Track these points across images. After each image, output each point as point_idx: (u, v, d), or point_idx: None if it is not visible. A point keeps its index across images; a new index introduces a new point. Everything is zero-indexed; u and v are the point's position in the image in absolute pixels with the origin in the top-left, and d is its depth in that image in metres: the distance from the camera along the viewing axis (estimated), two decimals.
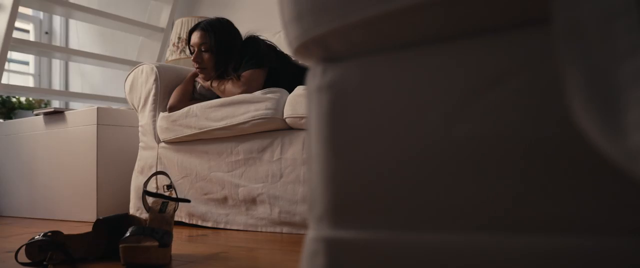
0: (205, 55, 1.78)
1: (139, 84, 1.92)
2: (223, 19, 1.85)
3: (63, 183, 2.18)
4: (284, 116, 1.54)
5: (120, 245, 1.04)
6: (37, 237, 1.11)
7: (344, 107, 0.44)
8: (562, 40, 0.33)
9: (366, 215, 0.43)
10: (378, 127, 0.43)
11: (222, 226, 1.72)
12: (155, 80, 1.87)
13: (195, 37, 1.80)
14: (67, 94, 3.19)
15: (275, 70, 1.73)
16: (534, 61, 0.37)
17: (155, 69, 1.88)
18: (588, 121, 0.32)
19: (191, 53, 1.82)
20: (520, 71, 0.37)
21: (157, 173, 1.26)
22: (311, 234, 0.46)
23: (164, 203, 1.20)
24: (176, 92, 1.84)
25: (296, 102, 1.51)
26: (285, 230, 1.57)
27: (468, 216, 0.39)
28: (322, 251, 0.44)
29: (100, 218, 1.20)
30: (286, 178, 1.55)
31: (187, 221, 1.81)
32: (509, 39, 0.38)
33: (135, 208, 1.90)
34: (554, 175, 0.36)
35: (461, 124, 0.39)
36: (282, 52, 1.81)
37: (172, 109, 1.81)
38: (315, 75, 0.47)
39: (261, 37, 1.84)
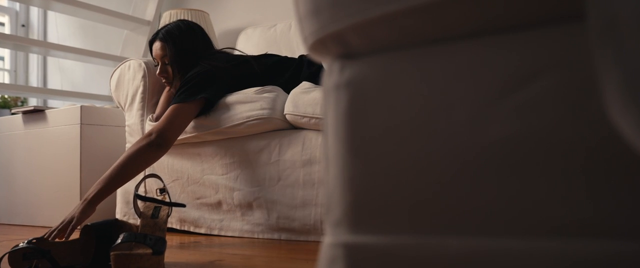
0: (169, 68, 1.71)
1: (126, 81, 1.92)
2: (182, 23, 1.77)
3: (44, 187, 2.17)
4: (285, 112, 1.55)
5: (111, 253, 1.04)
6: (21, 244, 1.12)
7: (363, 105, 0.45)
8: (598, 37, 0.34)
9: (387, 219, 0.44)
10: (400, 127, 0.44)
11: (216, 232, 1.72)
12: (144, 76, 1.87)
13: (156, 49, 1.72)
14: (45, 91, 3.18)
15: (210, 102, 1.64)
16: (567, 59, 0.38)
17: (143, 64, 1.88)
18: (625, 121, 0.33)
19: (155, 65, 1.76)
20: (553, 69, 0.38)
21: (148, 176, 1.27)
22: (329, 240, 0.46)
23: (156, 208, 1.20)
24: (163, 99, 1.83)
25: (299, 99, 1.52)
26: (283, 236, 1.58)
27: (496, 220, 0.40)
28: (341, 257, 0.44)
29: (89, 224, 1.20)
30: (285, 182, 1.56)
31: (178, 227, 1.82)
32: (540, 36, 0.39)
33: (122, 213, 1.90)
34: (588, 177, 0.37)
35: (489, 124, 0.40)
36: (243, 63, 1.73)
37: (159, 119, 1.80)
38: (333, 73, 0.47)
39: (211, 64, 1.70)
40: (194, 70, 1.65)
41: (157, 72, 1.75)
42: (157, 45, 1.73)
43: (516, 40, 0.40)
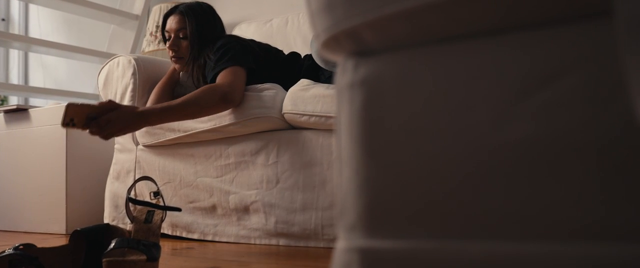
0: (183, 43, 1.78)
1: (115, 78, 1.92)
2: (204, 3, 1.85)
3: (28, 190, 2.17)
4: (283, 111, 1.55)
5: (104, 260, 1.04)
6: (8, 250, 1.12)
7: (379, 105, 0.46)
8: (624, 34, 0.34)
9: (405, 223, 0.44)
10: (418, 128, 0.44)
11: (210, 238, 1.73)
12: (133, 74, 1.87)
13: (172, 22, 1.79)
14: (27, 89, 3.17)
15: (252, 72, 1.68)
16: (593, 57, 0.38)
17: (133, 61, 1.88)
18: None
19: (166, 40, 1.82)
20: (578, 67, 0.39)
21: (141, 178, 1.27)
22: (342, 245, 0.47)
23: (149, 212, 1.21)
24: (154, 95, 1.84)
25: (297, 97, 1.52)
26: (282, 242, 1.58)
27: (519, 223, 0.41)
28: (356, 263, 0.45)
29: (78, 229, 1.20)
30: (283, 184, 1.57)
31: (170, 233, 1.82)
32: (566, 33, 0.40)
33: (110, 218, 1.90)
34: (614, 179, 0.38)
35: (511, 124, 0.41)
36: (266, 50, 1.79)
37: None
38: (346, 71, 0.48)
39: (239, 38, 1.81)
40: (223, 40, 1.70)
41: (169, 44, 1.78)
42: (175, 17, 1.79)
43: (539, 37, 0.41)
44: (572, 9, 0.39)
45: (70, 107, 1.30)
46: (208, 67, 1.67)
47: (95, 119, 1.35)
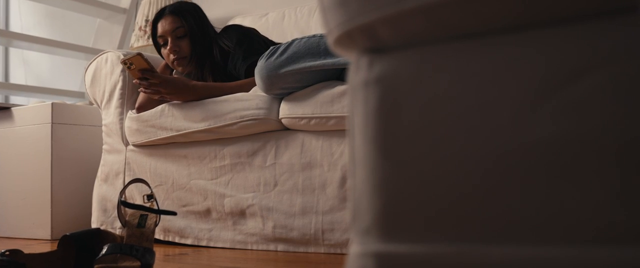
0: (182, 42, 1.81)
1: (103, 75, 1.92)
2: (188, 2, 1.89)
3: (10, 192, 2.17)
4: (280, 116, 1.56)
5: (95, 266, 1.05)
6: None
7: (395, 104, 0.47)
8: None
9: (421, 227, 0.45)
10: (435, 127, 0.45)
11: (204, 243, 1.73)
12: (123, 70, 1.88)
13: (165, 25, 1.82)
14: (7, 86, 3.16)
15: None
16: (619, 54, 0.39)
17: (122, 57, 1.88)
18: None
19: (160, 46, 1.85)
20: (604, 65, 0.40)
21: (133, 181, 1.27)
22: (356, 249, 0.48)
23: (142, 216, 1.21)
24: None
25: (294, 100, 1.53)
26: (280, 247, 1.59)
27: (542, 227, 0.42)
28: None
29: (68, 234, 1.20)
30: (281, 187, 1.57)
31: (162, 238, 1.82)
32: (587, 31, 0.40)
33: (98, 222, 1.90)
34: (635, 180, 0.39)
35: (534, 124, 0.42)
36: (271, 43, 1.84)
37: (141, 109, 1.82)
38: (360, 68, 0.49)
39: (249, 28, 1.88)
40: (239, 29, 1.81)
41: (168, 47, 1.81)
42: (167, 19, 1.83)
43: (559, 35, 0.42)
44: (594, 5, 0.40)
45: (138, 55, 1.58)
46: (234, 58, 1.74)
47: (151, 72, 1.63)
